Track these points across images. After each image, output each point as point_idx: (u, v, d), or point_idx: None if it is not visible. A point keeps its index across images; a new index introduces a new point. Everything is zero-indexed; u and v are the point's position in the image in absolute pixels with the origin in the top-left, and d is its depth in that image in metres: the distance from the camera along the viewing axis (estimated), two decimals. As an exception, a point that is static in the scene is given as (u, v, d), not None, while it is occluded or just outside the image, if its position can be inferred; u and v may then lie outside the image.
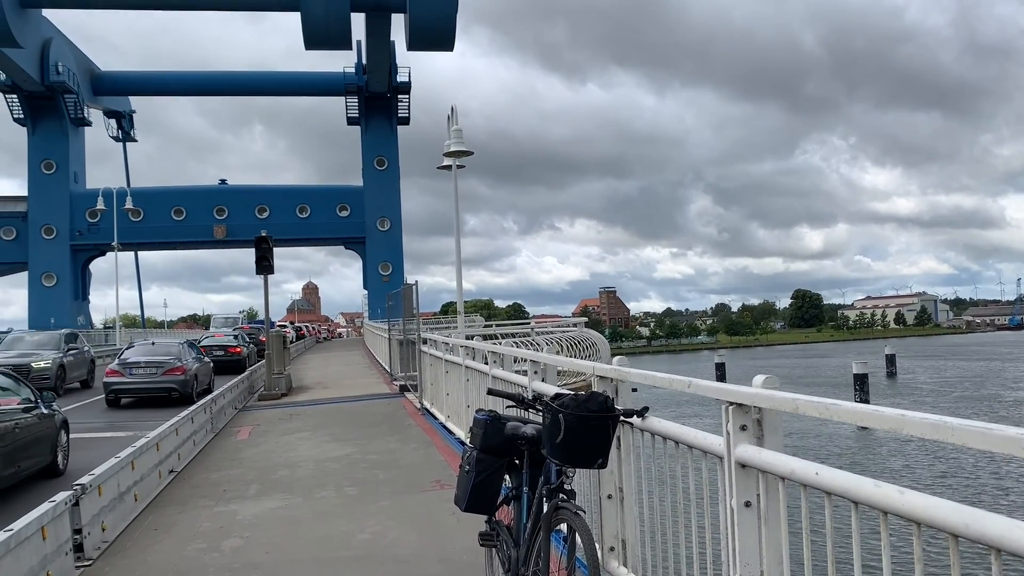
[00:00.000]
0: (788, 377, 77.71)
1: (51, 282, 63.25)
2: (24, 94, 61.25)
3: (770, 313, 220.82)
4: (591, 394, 4.21)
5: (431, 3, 47.45)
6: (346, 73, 65.56)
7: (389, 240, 68.07)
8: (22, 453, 9.94)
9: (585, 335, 27.54)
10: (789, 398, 3.16)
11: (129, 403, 20.07)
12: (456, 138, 24.07)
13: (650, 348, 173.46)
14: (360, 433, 14.10)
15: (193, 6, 52.66)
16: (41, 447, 10.62)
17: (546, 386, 6.46)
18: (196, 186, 70.99)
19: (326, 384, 24.91)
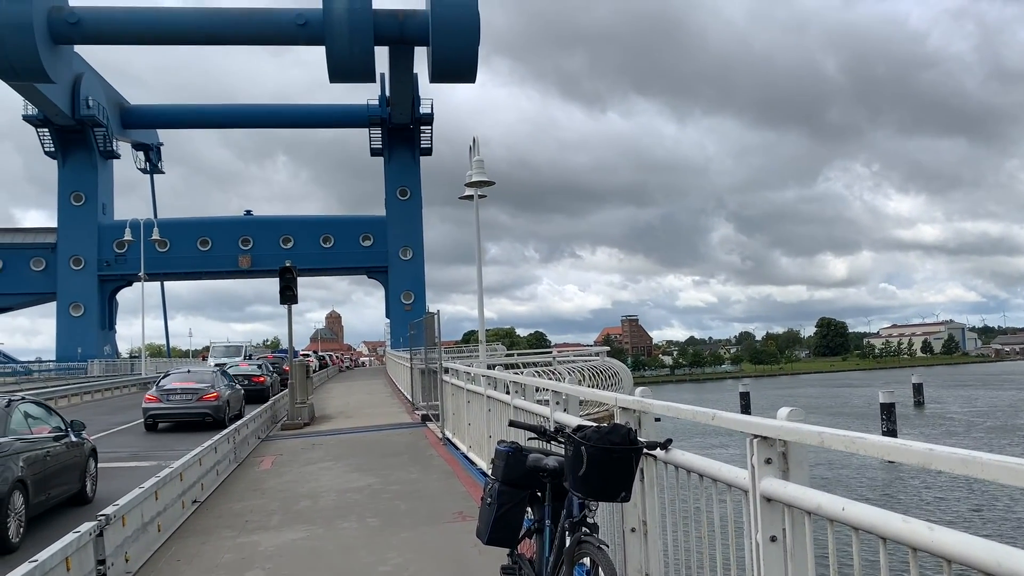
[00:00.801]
0: (814, 407, 76.72)
1: (79, 312, 64.08)
2: (55, 128, 62.57)
3: (795, 342, 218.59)
4: (614, 426, 4.18)
5: (453, 37, 48.08)
6: (370, 105, 66.47)
7: (411, 269, 68.43)
8: (52, 481, 10.08)
9: (607, 364, 27.38)
10: (814, 431, 3.12)
11: (165, 427, 21.02)
12: (478, 169, 24.22)
13: (673, 377, 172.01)
14: (382, 463, 14.07)
15: (219, 41, 53.68)
16: (71, 475, 10.76)
17: (568, 417, 6.43)
18: (222, 217, 71.93)
19: (348, 413, 24.92)
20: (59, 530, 7.75)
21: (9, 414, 9.71)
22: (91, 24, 49.69)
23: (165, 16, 52.03)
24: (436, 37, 48.21)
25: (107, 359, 61.46)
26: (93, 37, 51.74)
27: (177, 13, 52.95)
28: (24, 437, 9.71)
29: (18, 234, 68.38)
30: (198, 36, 52.25)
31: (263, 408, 21.22)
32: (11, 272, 64.85)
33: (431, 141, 69.09)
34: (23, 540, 8.93)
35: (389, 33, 49.87)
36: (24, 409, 10.34)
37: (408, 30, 50.06)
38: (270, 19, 50.79)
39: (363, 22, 47.95)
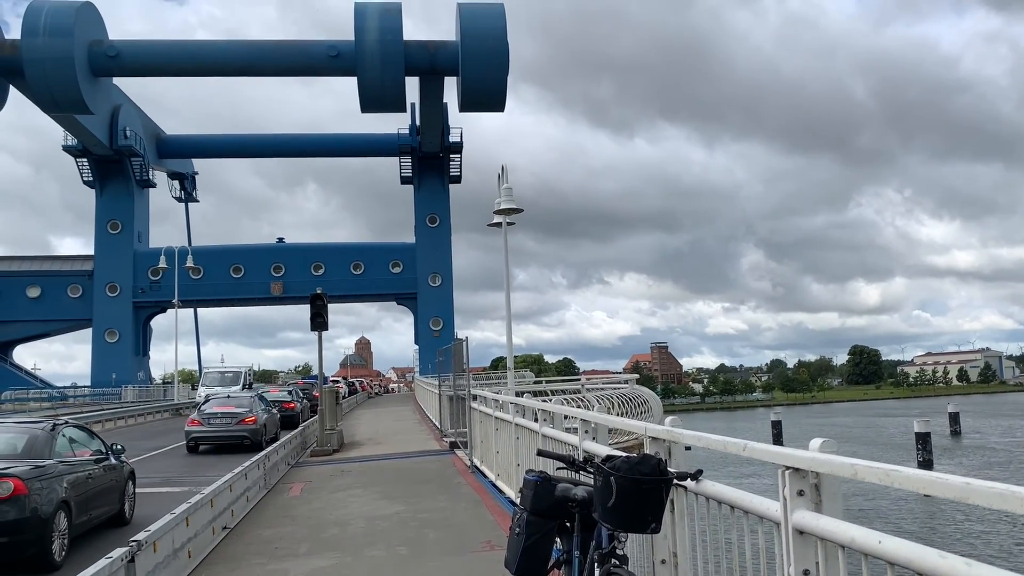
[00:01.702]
0: (847, 436, 75.45)
1: (113, 338, 65.06)
2: (94, 158, 64.02)
3: (827, 369, 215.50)
4: (643, 456, 4.15)
5: (483, 67, 48.59)
6: (400, 134, 67.32)
7: (440, 296, 68.71)
8: (94, 502, 10.50)
9: (636, 392, 27.18)
10: (847, 463, 3.08)
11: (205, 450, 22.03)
12: (507, 196, 24.35)
13: (704, 405, 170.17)
14: (410, 491, 14.05)
15: (254, 72, 54.70)
16: (110, 497, 11.21)
17: (597, 446, 6.39)
18: (254, 244, 72.91)
19: (377, 440, 24.95)
20: (98, 551, 8.00)
21: (54, 438, 10.25)
22: (129, 57, 50.94)
23: (201, 49, 53.20)
24: (466, 67, 48.73)
25: (141, 385, 62.24)
26: (131, 69, 53.01)
27: (213, 45, 54.08)
28: (68, 460, 10.14)
29: (56, 262, 69.81)
30: (233, 68, 53.30)
31: (293, 434, 21.33)
32: (49, 299, 66.10)
33: (460, 169, 69.69)
34: (66, 559, 9.24)
35: (420, 64, 50.52)
36: (67, 433, 10.81)
37: (439, 61, 50.68)
38: (304, 51, 51.72)
39: (394, 53, 48.64)
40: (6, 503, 8.63)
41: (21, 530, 8.70)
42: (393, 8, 49.94)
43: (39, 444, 9.99)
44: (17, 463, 9.28)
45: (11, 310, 65.37)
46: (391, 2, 50.56)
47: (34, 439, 10.07)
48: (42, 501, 9.03)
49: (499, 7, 50.24)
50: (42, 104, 50.13)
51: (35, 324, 67.15)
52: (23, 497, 8.76)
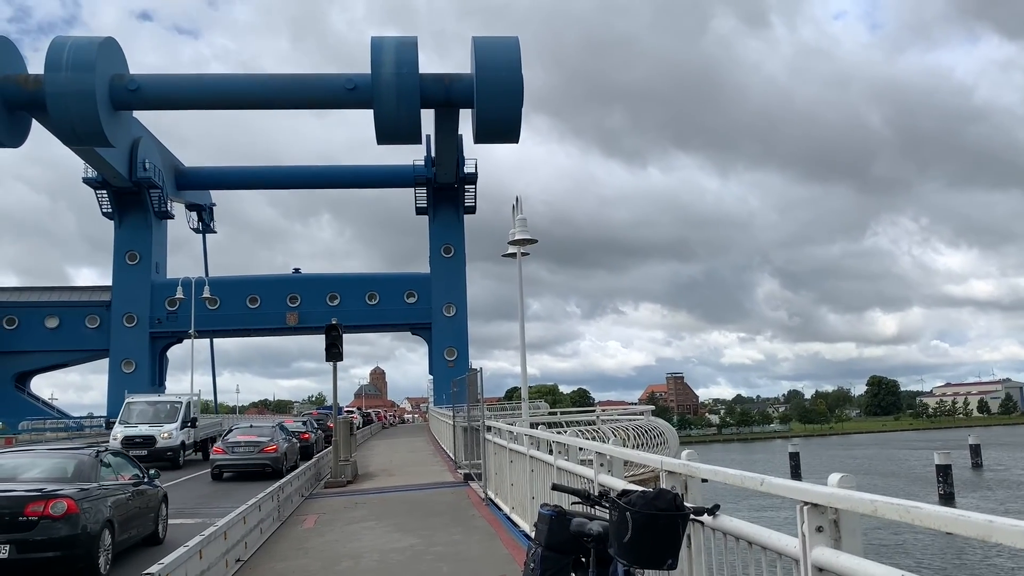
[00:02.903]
0: (867, 469, 74.50)
1: (130, 368, 65.37)
2: (113, 190, 64.82)
3: (845, 400, 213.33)
4: (659, 491, 4.11)
5: (498, 100, 49.00)
6: (415, 166, 67.94)
7: (454, 326, 68.74)
8: (132, 522, 11.60)
9: (652, 424, 26.99)
10: (867, 499, 3.05)
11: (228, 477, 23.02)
12: (521, 227, 24.45)
13: (720, 436, 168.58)
14: (424, 523, 13.95)
15: (271, 105, 55.40)
16: (146, 518, 12.33)
17: (613, 480, 6.34)
18: (271, 275, 73.33)
19: (391, 471, 24.85)
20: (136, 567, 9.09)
21: (98, 463, 11.43)
22: (150, 91, 51.73)
23: (220, 82, 53.98)
24: (481, 100, 49.16)
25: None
26: (151, 103, 53.81)
27: (232, 79, 54.88)
28: (110, 483, 11.31)
29: (74, 292, 70.46)
30: (251, 101, 54.01)
31: (307, 465, 21.31)
32: (67, 329, 66.61)
33: (475, 200, 70.07)
34: (109, 572, 10.36)
35: (435, 96, 51.03)
36: (109, 459, 12.04)
37: (454, 93, 51.18)
38: (321, 84, 52.38)
39: (410, 86, 49.17)
40: (60, 521, 9.64)
41: (73, 545, 9.70)
42: (409, 42, 50.59)
43: (86, 468, 11.07)
44: (68, 485, 10.36)
45: (30, 340, 65.91)
46: (407, 36, 51.25)
47: (81, 464, 11.17)
48: (90, 520, 10.08)
49: (513, 40, 50.79)
50: (63, 137, 50.90)
51: (53, 354, 67.61)
52: (75, 516, 9.77)
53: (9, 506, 9.63)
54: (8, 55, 49.99)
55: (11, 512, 9.58)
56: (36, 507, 9.65)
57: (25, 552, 9.47)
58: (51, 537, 9.57)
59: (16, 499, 9.73)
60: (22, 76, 49.77)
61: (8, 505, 9.63)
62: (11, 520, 9.52)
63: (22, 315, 66.50)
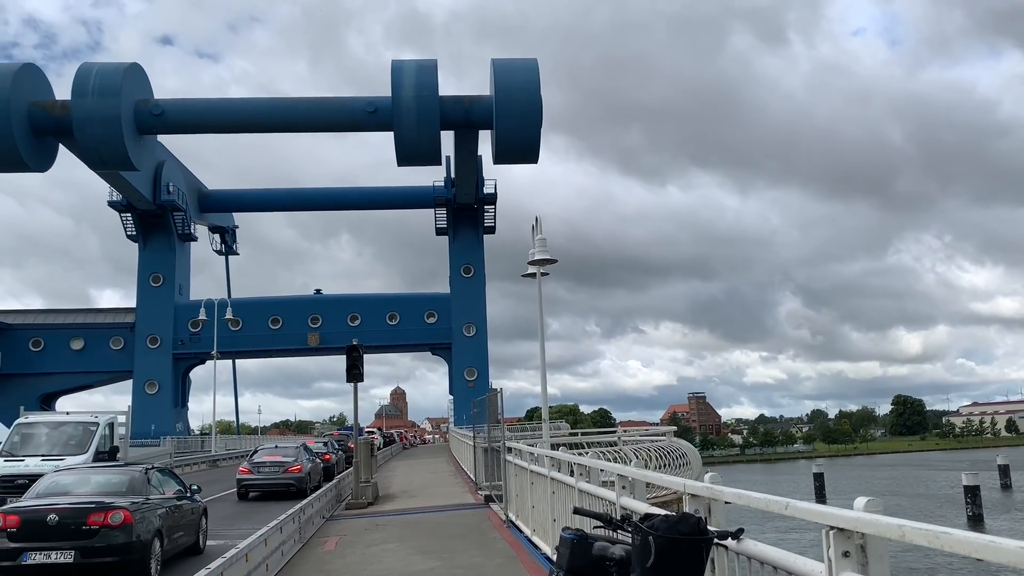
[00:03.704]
0: (892, 490, 73.40)
1: (153, 390, 65.88)
2: (137, 213, 65.65)
3: (869, 420, 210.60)
4: (683, 515, 4.07)
5: (517, 121, 49.24)
6: (435, 187, 68.34)
7: (475, 346, 68.76)
8: (178, 532, 12.77)
9: (674, 445, 26.76)
10: (894, 524, 3.00)
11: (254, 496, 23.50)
12: (541, 247, 24.48)
13: (743, 457, 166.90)
14: (445, 546, 13.89)
15: (293, 128, 55.98)
16: (190, 529, 13.49)
17: (635, 503, 6.29)
18: (292, 296, 73.83)
19: (412, 493, 24.80)
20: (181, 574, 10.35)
21: (148, 479, 12.60)
22: (174, 115, 52.47)
23: (243, 106, 54.64)
24: (500, 121, 49.41)
25: (179, 436, 62.76)
26: (175, 127, 54.56)
27: (254, 103, 55.52)
28: (158, 497, 12.45)
29: (99, 314, 71.28)
30: (274, 124, 54.60)
31: (328, 487, 21.31)
32: (92, 351, 67.31)
33: (495, 220, 70.33)
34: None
35: (455, 118, 51.36)
36: (156, 475, 13.20)
37: (473, 115, 51.49)
38: (342, 107, 52.88)
39: (430, 109, 49.53)
40: (118, 530, 10.78)
41: (129, 552, 10.84)
42: (429, 65, 51.04)
43: (137, 483, 12.24)
44: (122, 498, 11.51)
45: (55, 362, 66.64)
46: (427, 59, 51.72)
47: (133, 479, 12.35)
48: (143, 529, 11.26)
49: (532, 62, 51.10)
50: (89, 162, 51.66)
51: (78, 376, 68.30)
52: (130, 525, 10.93)
53: (73, 517, 10.78)
54: (36, 81, 50.92)
55: (75, 522, 10.73)
56: (97, 517, 10.81)
57: (88, 557, 10.59)
58: (110, 544, 10.70)
59: (79, 510, 10.92)
60: (50, 102, 50.65)
61: (72, 516, 10.79)
62: (75, 529, 10.68)
63: (48, 337, 67.29)
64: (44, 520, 10.75)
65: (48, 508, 11.01)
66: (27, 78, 49.74)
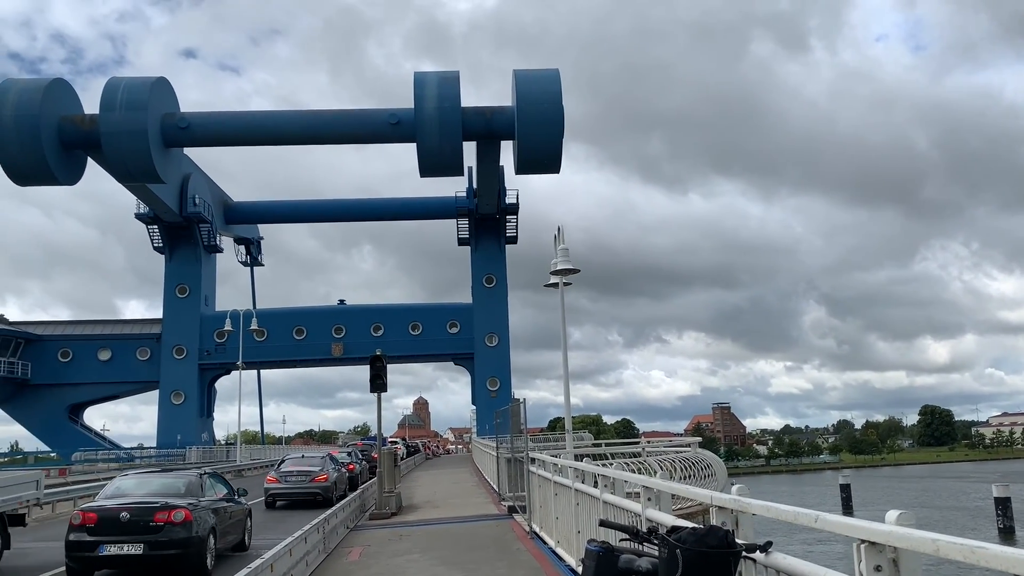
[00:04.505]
0: (921, 501, 72.34)
1: (179, 400, 66.49)
2: (164, 224, 66.45)
3: (896, 430, 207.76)
4: (710, 527, 4.04)
5: (539, 131, 49.35)
6: (458, 197, 68.59)
7: (497, 355, 68.79)
8: (228, 531, 14.17)
9: (699, 456, 26.56)
10: (928, 538, 2.95)
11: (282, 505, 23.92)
12: (563, 257, 24.44)
13: (769, 468, 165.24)
14: (469, 557, 13.85)
15: (317, 141, 56.45)
16: (238, 528, 14.91)
17: (661, 515, 6.24)
18: (316, 307, 74.32)
19: (435, 503, 24.77)
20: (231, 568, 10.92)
21: (202, 482, 13.97)
22: (200, 128, 53.12)
23: (267, 119, 55.20)
24: (522, 132, 49.54)
25: (204, 446, 63.26)
26: (201, 140, 55.22)
27: (278, 116, 56.08)
28: (211, 498, 13.78)
29: (126, 325, 72.14)
30: (298, 137, 55.11)
31: (352, 497, 21.36)
32: (119, 361, 68.12)
33: (516, 230, 70.40)
34: (213, 569, 12.82)
35: (477, 129, 51.58)
36: (209, 479, 14.54)
37: (495, 125, 51.68)
38: (365, 119, 53.28)
39: (453, 120, 49.78)
40: (179, 526, 12.23)
41: (188, 545, 12.29)
42: (451, 76, 51.32)
43: (194, 486, 13.57)
44: (182, 499, 12.88)
45: (83, 373, 67.52)
46: (449, 71, 52.01)
47: (190, 482, 13.70)
48: (200, 527, 12.64)
49: (554, 73, 51.21)
50: (117, 175, 52.40)
51: (106, 386, 69.16)
52: (190, 523, 12.36)
53: (141, 515, 12.26)
54: (66, 96, 51.78)
55: (143, 519, 12.22)
56: (162, 515, 12.28)
57: (154, 550, 12.10)
58: (172, 539, 12.17)
59: (147, 509, 12.38)
60: (79, 116, 51.48)
61: (141, 514, 12.27)
62: (143, 525, 12.17)
63: (76, 348, 68.19)
64: (117, 517, 12.22)
65: (120, 507, 12.43)
66: (57, 93, 50.60)
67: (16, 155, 48.65)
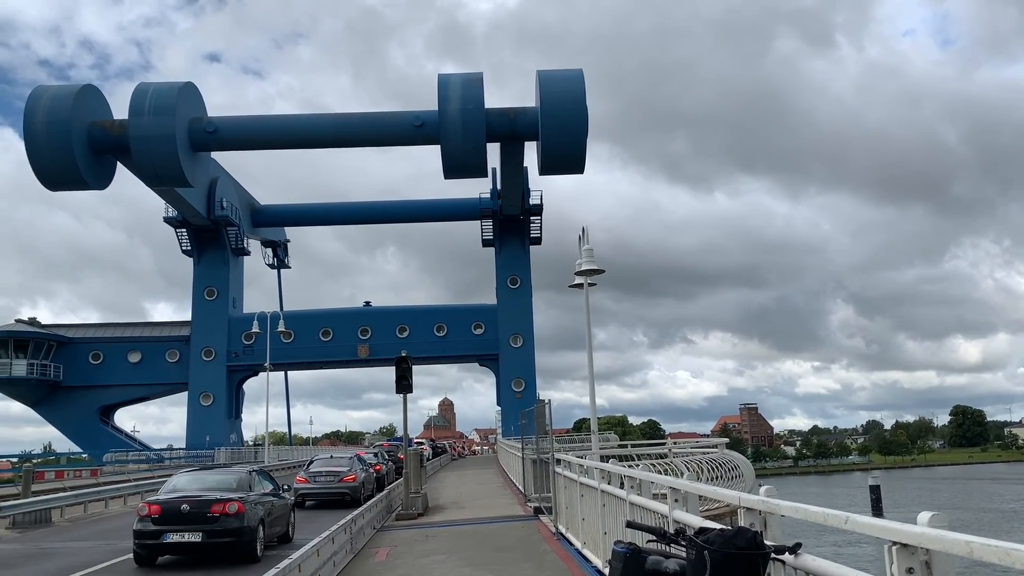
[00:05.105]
0: (953, 503, 71.33)
1: (208, 401, 67.17)
2: (192, 228, 67.18)
3: (927, 431, 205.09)
4: (739, 529, 4.01)
5: (563, 131, 49.28)
6: (481, 199, 68.69)
7: (521, 357, 68.77)
8: (275, 522, 15.64)
9: (726, 457, 26.38)
10: (962, 540, 2.90)
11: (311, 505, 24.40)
12: (588, 257, 24.37)
13: (797, 469, 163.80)
14: (495, 558, 13.87)
15: (342, 144, 56.80)
16: (283, 520, 16.37)
17: (689, 516, 6.20)
18: (342, 308, 74.73)
19: (461, 504, 24.82)
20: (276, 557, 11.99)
21: (252, 478, 15.63)
22: (227, 132, 53.63)
23: (293, 123, 55.63)
24: (546, 132, 49.50)
25: (233, 447, 63.86)
26: (228, 144, 55.74)
27: (304, 120, 56.47)
28: (259, 493, 15.32)
29: (155, 328, 73.01)
30: (323, 140, 55.47)
31: (379, 497, 21.46)
32: (148, 364, 68.95)
33: (540, 231, 70.36)
34: (263, 556, 14.26)
35: (501, 130, 51.60)
36: (257, 476, 16.12)
37: (519, 126, 51.67)
38: (390, 122, 53.48)
39: (476, 121, 49.83)
40: (234, 517, 13.86)
41: (241, 534, 13.93)
42: (475, 78, 51.38)
43: (244, 482, 15.19)
44: (235, 493, 14.48)
45: (113, 375, 68.42)
46: (472, 73, 52.07)
47: (241, 479, 15.36)
48: (252, 517, 14.24)
49: (578, 73, 51.11)
50: (146, 179, 53.05)
51: (136, 388, 70.00)
52: (242, 514, 13.97)
53: (200, 506, 13.89)
54: (96, 102, 52.51)
55: (201, 511, 13.82)
56: (218, 507, 13.88)
57: (211, 538, 13.74)
58: (227, 528, 13.78)
59: (205, 502, 14.01)
60: (108, 121, 52.17)
61: (199, 506, 13.90)
62: (202, 516, 13.78)
63: (106, 350, 69.12)
64: (179, 509, 13.83)
65: (181, 499, 14.10)
66: (87, 99, 51.33)
67: (48, 161, 49.41)
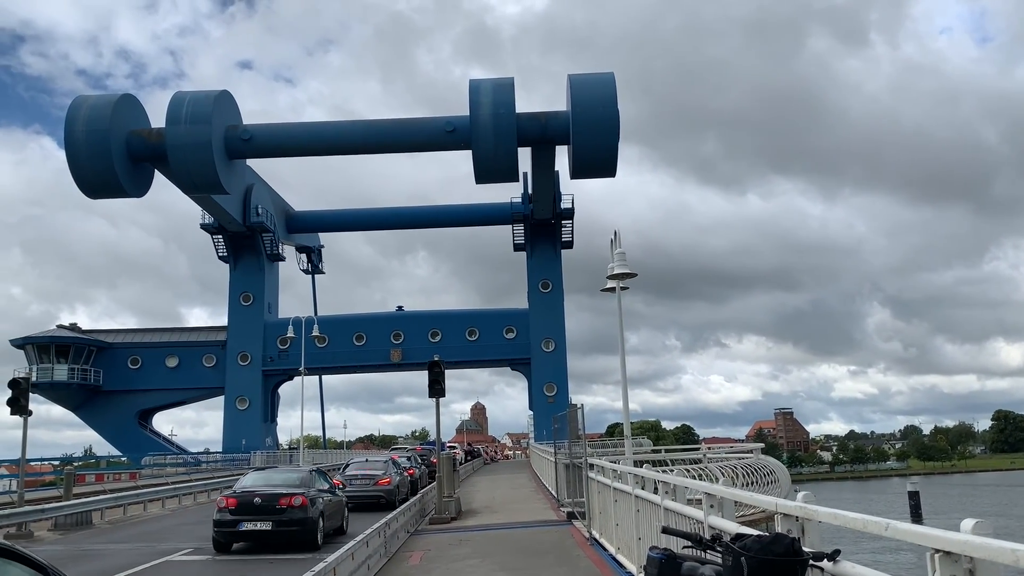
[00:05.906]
0: (996, 510, 69.83)
1: (244, 405, 67.95)
2: (228, 234, 68.10)
3: (967, 436, 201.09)
4: (776, 535, 3.96)
5: (594, 135, 49.18)
6: (513, 203, 68.77)
7: (554, 361, 68.65)
8: (331, 516, 17.60)
9: (762, 462, 26.10)
10: (1007, 548, 2.85)
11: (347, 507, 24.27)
12: (620, 261, 24.26)
13: (833, 474, 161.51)
14: (528, 563, 13.85)
15: (375, 150, 57.22)
16: (338, 515, 18.27)
17: (725, 522, 6.14)
18: (375, 313, 75.22)
19: (494, 508, 24.83)
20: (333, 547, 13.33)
21: (313, 477, 17.67)
22: (262, 139, 54.33)
23: (326, 129, 56.21)
24: (577, 136, 49.44)
25: (268, 450, 64.48)
26: (263, 151, 56.45)
27: (337, 127, 57.02)
28: (317, 489, 17.12)
29: (192, 333, 74.06)
30: (356, 146, 55.95)
31: (412, 501, 21.55)
32: (186, 368, 69.97)
33: (572, 235, 70.25)
34: (322, 545, 15.98)
35: (532, 135, 51.65)
36: (316, 475, 18.12)
37: (550, 131, 51.69)
38: (422, 128, 53.82)
39: (507, 126, 49.93)
40: (298, 509, 15.94)
41: (305, 524, 15.97)
42: (506, 83, 51.50)
43: (306, 479, 17.23)
44: (298, 489, 16.49)
45: (151, 379, 69.53)
46: (503, 78, 52.19)
47: (303, 477, 17.49)
48: (314, 511, 16.26)
49: (609, 76, 51.01)
50: (183, 186, 53.90)
51: (173, 392, 71.08)
52: (306, 506, 16.05)
53: (270, 499, 16.00)
54: (134, 111, 53.51)
55: (271, 503, 15.94)
56: (285, 500, 15.97)
57: (280, 527, 15.80)
58: (293, 518, 15.84)
59: (275, 496, 16.11)
60: (146, 130, 53.13)
61: (269, 499, 16.01)
62: (271, 508, 15.89)
63: (144, 355, 70.28)
64: (252, 501, 15.94)
65: (253, 493, 16.20)
66: (125, 108, 52.33)
67: (88, 169, 50.42)
